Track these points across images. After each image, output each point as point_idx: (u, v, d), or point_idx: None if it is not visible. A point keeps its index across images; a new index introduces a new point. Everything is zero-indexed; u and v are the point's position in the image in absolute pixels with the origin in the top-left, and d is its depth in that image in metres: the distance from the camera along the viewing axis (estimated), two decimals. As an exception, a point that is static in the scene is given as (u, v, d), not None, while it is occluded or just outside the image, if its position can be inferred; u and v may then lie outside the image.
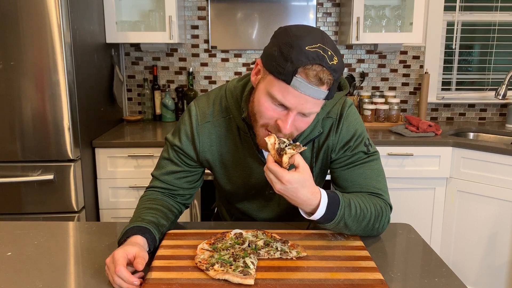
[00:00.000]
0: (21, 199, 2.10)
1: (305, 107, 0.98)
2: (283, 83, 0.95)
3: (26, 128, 2.03)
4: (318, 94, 0.96)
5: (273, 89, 0.97)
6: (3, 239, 1.15)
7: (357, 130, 1.18)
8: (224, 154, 1.22)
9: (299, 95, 0.95)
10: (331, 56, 0.95)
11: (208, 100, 1.22)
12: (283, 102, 0.97)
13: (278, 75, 0.95)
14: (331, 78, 0.95)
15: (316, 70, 0.93)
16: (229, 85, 1.20)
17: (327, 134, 1.18)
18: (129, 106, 2.96)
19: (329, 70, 0.94)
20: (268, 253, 1.02)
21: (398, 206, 2.40)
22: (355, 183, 1.17)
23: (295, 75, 0.93)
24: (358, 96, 2.82)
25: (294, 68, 0.93)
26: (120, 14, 2.67)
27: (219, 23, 2.82)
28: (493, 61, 2.94)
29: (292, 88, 0.95)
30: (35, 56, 1.97)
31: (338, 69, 0.97)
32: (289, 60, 0.93)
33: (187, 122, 1.21)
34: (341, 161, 1.19)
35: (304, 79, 0.94)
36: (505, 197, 2.20)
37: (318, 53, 0.93)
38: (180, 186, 1.23)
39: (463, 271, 2.37)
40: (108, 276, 0.93)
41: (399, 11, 2.71)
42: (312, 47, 0.94)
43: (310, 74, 0.93)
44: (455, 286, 0.94)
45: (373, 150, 1.19)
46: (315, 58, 0.93)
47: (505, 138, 2.63)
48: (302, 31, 0.97)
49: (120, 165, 2.33)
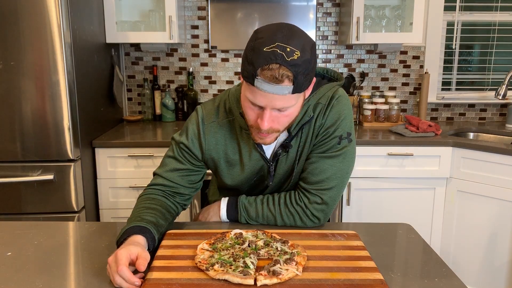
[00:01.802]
0: (21, 199, 2.10)
1: (276, 104, 1.04)
2: (251, 85, 1.03)
3: (26, 128, 2.03)
4: (281, 90, 1.01)
5: (246, 92, 1.07)
6: (3, 239, 1.15)
7: (341, 116, 1.20)
8: (228, 153, 1.26)
9: (265, 94, 1.02)
10: (290, 52, 0.99)
11: (214, 103, 1.28)
12: (254, 102, 1.05)
13: (246, 78, 1.04)
14: (290, 73, 0.99)
15: (273, 68, 0.99)
16: (232, 88, 1.27)
17: (315, 118, 1.21)
18: (129, 106, 2.96)
19: (286, 66, 0.99)
20: (268, 253, 1.02)
21: (398, 206, 2.40)
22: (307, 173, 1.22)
23: (256, 77, 1.01)
24: (358, 96, 2.82)
25: (254, 71, 1.01)
26: (120, 14, 2.67)
27: (219, 23, 2.82)
28: (493, 61, 2.94)
29: (257, 88, 1.02)
30: (35, 56, 1.97)
31: (301, 63, 1.00)
32: (250, 63, 1.01)
33: (194, 121, 1.27)
34: (314, 148, 1.23)
35: (263, 79, 1.00)
36: (505, 197, 2.20)
37: (275, 52, 0.99)
38: (181, 184, 1.25)
39: (463, 271, 2.37)
40: (109, 275, 0.94)
41: (399, 11, 2.71)
42: (270, 47, 0.99)
43: (267, 74, 0.99)
44: (455, 286, 0.94)
45: (343, 146, 1.20)
46: (272, 57, 0.99)
47: (505, 138, 2.63)
48: (266, 33, 1.03)
49: (120, 165, 2.33)
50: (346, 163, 1.22)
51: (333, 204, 1.23)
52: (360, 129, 2.63)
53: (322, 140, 1.21)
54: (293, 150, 1.24)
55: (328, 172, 1.20)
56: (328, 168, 1.20)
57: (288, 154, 1.24)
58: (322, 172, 1.20)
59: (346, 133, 1.21)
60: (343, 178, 1.23)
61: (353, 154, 1.24)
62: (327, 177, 1.20)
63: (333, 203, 1.23)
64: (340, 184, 1.23)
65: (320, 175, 1.20)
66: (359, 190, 2.38)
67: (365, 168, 2.35)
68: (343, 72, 2.92)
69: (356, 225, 1.30)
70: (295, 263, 0.96)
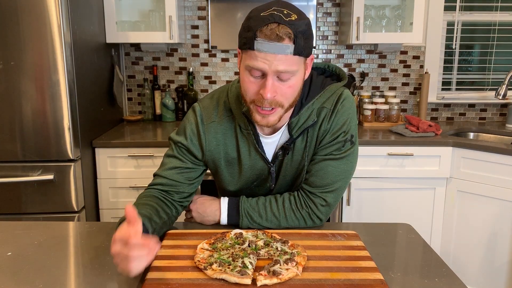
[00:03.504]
0: (21, 199, 2.10)
1: (278, 66, 1.02)
2: (250, 51, 1.03)
3: (26, 128, 2.03)
4: (282, 49, 1.01)
5: (246, 61, 1.05)
6: (3, 239, 1.15)
7: (347, 121, 1.20)
8: (229, 152, 1.24)
9: (266, 55, 1.02)
10: (287, 14, 1.01)
11: (212, 101, 1.26)
12: (255, 67, 1.03)
13: (244, 46, 1.04)
14: (290, 31, 1.00)
15: (272, 27, 1.00)
16: (231, 86, 1.25)
17: (320, 123, 1.20)
18: (129, 106, 2.96)
19: (286, 25, 1.00)
20: (268, 253, 1.02)
21: (398, 206, 2.40)
22: (312, 175, 1.21)
23: (255, 38, 1.01)
24: (358, 96, 2.82)
25: (253, 34, 1.02)
26: (120, 14, 2.68)
27: (219, 23, 2.82)
28: (493, 61, 2.94)
29: (257, 51, 1.02)
30: (35, 56, 1.97)
31: (299, 24, 1.02)
32: (248, 29, 1.03)
33: (192, 121, 1.24)
34: (318, 150, 1.22)
35: (263, 39, 1.01)
36: (505, 197, 2.20)
37: (272, 13, 1.01)
38: (180, 181, 1.23)
39: (463, 271, 2.37)
40: (120, 260, 0.88)
41: (399, 11, 2.71)
42: (267, 11, 1.02)
43: (267, 32, 1.00)
44: (455, 286, 0.94)
45: (347, 148, 1.20)
46: (269, 18, 1.01)
47: (505, 138, 2.63)
48: (260, 6, 1.06)
49: (120, 165, 2.33)
50: (350, 165, 1.22)
51: (335, 204, 1.23)
52: (360, 129, 2.62)
53: (327, 143, 1.20)
54: (298, 154, 1.22)
55: (333, 174, 1.20)
56: (332, 170, 1.20)
57: (293, 158, 1.23)
58: (327, 174, 1.19)
59: (350, 135, 1.21)
60: (346, 180, 1.22)
61: (356, 155, 1.24)
62: (332, 180, 1.20)
63: (335, 204, 1.23)
64: (343, 185, 1.22)
65: (325, 179, 1.19)
66: (359, 190, 2.38)
67: (365, 168, 2.35)
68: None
69: (356, 225, 1.30)
70: (295, 263, 0.96)
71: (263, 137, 1.22)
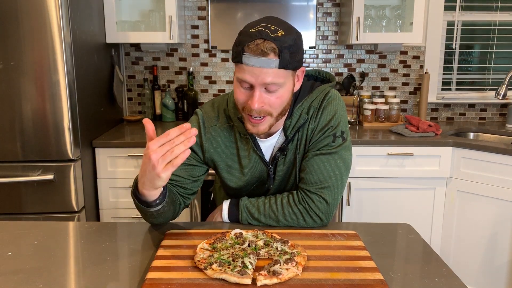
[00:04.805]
0: (21, 199, 2.10)
1: (264, 78, 1.08)
2: (239, 64, 1.11)
3: (26, 128, 2.03)
4: (267, 63, 1.07)
5: (236, 74, 1.13)
6: (3, 239, 1.15)
7: (334, 117, 1.23)
8: (228, 157, 1.30)
9: (253, 69, 1.08)
10: (274, 30, 1.08)
11: (213, 108, 1.32)
12: (244, 79, 1.10)
13: (235, 59, 1.12)
14: (274, 46, 1.06)
15: (258, 43, 1.07)
16: (230, 95, 1.30)
17: (308, 122, 1.24)
18: (129, 106, 2.96)
19: (271, 40, 1.07)
20: (268, 253, 1.02)
21: (398, 206, 2.40)
22: (306, 173, 1.23)
23: (243, 53, 1.09)
24: (358, 96, 2.82)
25: (241, 48, 1.09)
26: (120, 14, 2.67)
27: (219, 23, 2.82)
28: (493, 61, 2.94)
29: (245, 65, 1.09)
30: (35, 56, 1.97)
31: (284, 40, 1.08)
32: (238, 44, 1.10)
33: (195, 123, 1.31)
34: (309, 147, 1.25)
35: (250, 54, 1.08)
36: (505, 197, 2.20)
37: (260, 30, 1.08)
38: (184, 177, 1.27)
39: (463, 271, 2.37)
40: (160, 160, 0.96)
41: (399, 11, 2.71)
42: (255, 28, 1.09)
43: (253, 48, 1.07)
44: (455, 286, 0.94)
45: (337, 144, 1.22)
46: (257, 34, 1.07)
47: (505, 138, 2.63)
48: (252, 22, 1.13)
49: (120, 165, 2.33)
50: (343, 161, 1.23)
51: (335, 204, 1.23)
52: (360, 129, 2.63)
53: (317, 140, 1.23)
54: (290, 153, 1.27)
55: (326, 170, 1.22)
56: (325, 165, 1.22)
57: (285, 157, 1.27)
58: (320, 170, 1.22)
59: (340, 131, 1.23)
60: (341, 177, 1.24)
61: (349, 152, 1.26)
62: (325, 175, 1.22)
63: (334, 203, 1.23)
64: (339, 182, 1.23)
65: (318, 174, 1.22)
66: (359, 190, 2.38)
67: (365, 168, 2.35)
68: (343, 72, 2.92)
69: (356, 225, 1.30)
70: (295, 263, 0.96)
71: (261, 140, 1.26)
